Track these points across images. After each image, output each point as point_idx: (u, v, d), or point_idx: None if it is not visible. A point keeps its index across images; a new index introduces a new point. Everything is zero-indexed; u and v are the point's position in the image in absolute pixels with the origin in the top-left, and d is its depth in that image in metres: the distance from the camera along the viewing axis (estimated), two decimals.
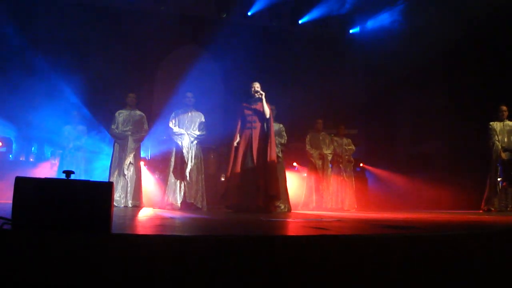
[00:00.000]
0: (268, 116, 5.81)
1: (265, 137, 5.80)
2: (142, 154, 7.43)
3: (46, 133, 8.29)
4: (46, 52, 8.43)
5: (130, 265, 1.76)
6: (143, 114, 6.99)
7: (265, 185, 5.61)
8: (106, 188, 2.05)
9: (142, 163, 7.17)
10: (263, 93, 5.80)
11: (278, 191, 5.88)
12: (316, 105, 9.78)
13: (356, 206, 7.99)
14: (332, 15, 10.38)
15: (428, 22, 9.25)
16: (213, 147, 8.77)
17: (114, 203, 3.69)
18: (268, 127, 5.83)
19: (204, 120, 6.53)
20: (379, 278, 1.95)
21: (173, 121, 6.48)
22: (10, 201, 1.95)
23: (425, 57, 9.31)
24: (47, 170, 7.74)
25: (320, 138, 8.03)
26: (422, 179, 9.09)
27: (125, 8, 9.53)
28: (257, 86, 5.88)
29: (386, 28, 9.98)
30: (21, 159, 7.97)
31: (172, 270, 1.77)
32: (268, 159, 5.66)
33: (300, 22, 10.75)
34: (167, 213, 4.85)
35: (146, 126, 6.89)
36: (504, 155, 6.92)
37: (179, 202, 6.16)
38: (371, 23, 10.63)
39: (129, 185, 6.52)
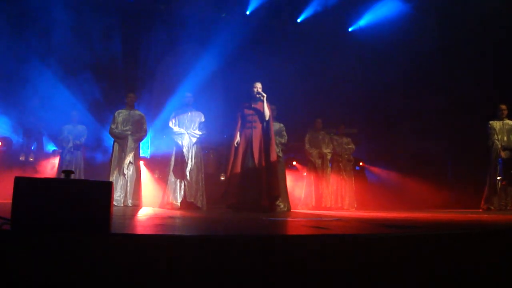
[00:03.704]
0: (267, 118, 5.80)
1: (265, 137, 5.79)
2: (142, 154, 7.43)
3: (46, 132, 8.29)
4: (45, 51, 8.43)
5: (130, 265, 1.75)
6: (143, 114, 6.98)
7: (267, 185, 5.61)
8: (106, 188, 2.05)
9: (141, 163, 7.16)
10: (265, 95, 5.79)
11: (279, 191, 5.90)
12: (315, 104, 9.78)
13: (355, 205, 7.99)
14: (330, 12, 10.35)
15: (428, 19, 9.25)
16: (212, 147, 8.78)
17: (114, 203, 3.69)
18: (268, 128, 5.83)
19: (204, 119, 6.53)
20: (379, 278, 1.95)
21: (173, 121, 6.48)
22: (10, 201, 1.94)
23: (425, 56, 9.31)
24: (47, 169, 7.73)
25: (320, 137, 8.02)
26: (421, 178, 9.09)
27: (125, 8, 9.52)
28: (259, 86, 5.87)
29: (385, 25, 9.95)
30: (20, 158, 7.95)
31: (171, 269, 1.77)
32: (270, 159, 5.66)
33: (298, 20, 10.74)
34: (167, 213, 4.85)
35: (145, 126, 6.88)
36: (503, 154, 6.91)
37: (179, 201, 6.16)
38: (370, 17, 10.55)
39: (128, 184, 6.51)
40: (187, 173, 6.19)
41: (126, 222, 3.28)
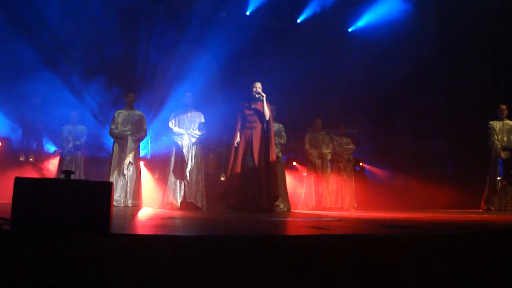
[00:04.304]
0: (268, 118, 5.79)
1: (265, 137, 5.78)
2: (142, 153, 7.43)
3: (46, 133, 8.30)
4: (44, 51, 8.43)
5: (129, 265, 1.75)
6: (143, 114, 6.98)
7: (267, 185, 5.60)
8: (106, 188, 2.05)
9: (142, 163, 7.15)
10: (264, 95, 5.78)
11: (278, 191, 5.90)
12: (315, 104, 9.78)
13: (355, 206, 7.98)
14: (329, 12, 10.35)
15: (428, 19, 9.25)
16: (212, 147, 8.78)
17: (114, 203, 3.67)
18: (268, 128, 5.82)
19: (203, 120, 6.53)
20: (379, 278, 1.95)
21: (173, 121, 6.48)
22: (10, 201, 1.94)
23: (425, 56, 9.31)
24: (47, 170, 7.73)
25: (320, 137, 8.01)
26: (422, 178, 9.09)
27: (124, 8, 9.52)
28: (258, 86, 5.85)
29: (385, 26, 9.95)
30: (20, 159, 7.96)
31: (171, 270, 1.77)
32: (270, 159, 5.65)
33: (298, 21, 10.75)
34: (167, 213, 4.85)
35: (145, 126, 6.87)
36: (503, 154, 6.91)
37: (179, 201, 6.16)
38: (370, 17, 10.53)
39: (128, 185, 6.51)
40: (187, 174, 6.19)
41: (126, 222, 3.28)
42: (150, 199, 6.89)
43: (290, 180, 7.68)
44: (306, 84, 10.15)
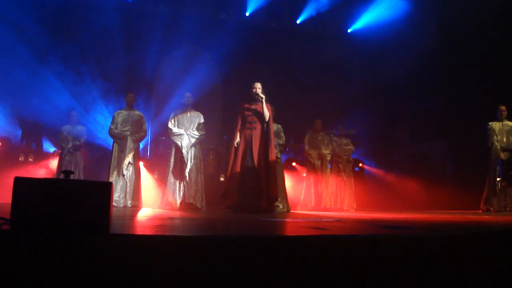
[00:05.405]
0: (267, 119, 5.78)
1: (265, 138, 5.77)
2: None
3: (46, 133, 8.30)
4: (44, 50, 8.43)
5: (129, 265, 1.75)
6: (142, 114, 6.99)
7: (266, 186, 5.60)
8: (105, 188, 2.05)
9: (141, 163, 7.15)
10: (264, 96, 5.77)
11: (277, 193, 5.89)
12: (315, 105, 9.79)
13: (355, 206, 7.99)
14: (329, 13, 10.36)
15: (428, 19, 9.25)
16: (212, 147, 8.78)
17: (114, 203, 3.67)
18: (268, 129, 5.81)
19: (203, 120, 6.53)
20: (379, 278, 1.95)
21: (172, 122, 6.48)
22: (10, 201, 1.94)
23: (424, 56, 9.31)
24: (46, 170, 7.73)
25: (319, 138, 8.02)
26: (421, 179, 9.09)
27: (125, 8, 9.52)
28: (258, 86, 5.83)
29: (384, 26, 9.95)
30: (20, 159, 7.96)
31: (171, 270, 1.77)
32: (270, 160, 5.65)
33: (298, 21, 10.76)
34: (167, 213, 4.84)
35: (145, 126, 6.88)
36: (503, 155, 6.92)
37: (178, 202, 6.16)
38: (370, 17, 10.53)
39: (128, 185, 6.51)
40: (187, 174, 6.18)
41: (125, 222, 3.28)
42: (149, 200, 6.89)
43: (289, 180, 7.68)
44: (305, 84, 10.15)
